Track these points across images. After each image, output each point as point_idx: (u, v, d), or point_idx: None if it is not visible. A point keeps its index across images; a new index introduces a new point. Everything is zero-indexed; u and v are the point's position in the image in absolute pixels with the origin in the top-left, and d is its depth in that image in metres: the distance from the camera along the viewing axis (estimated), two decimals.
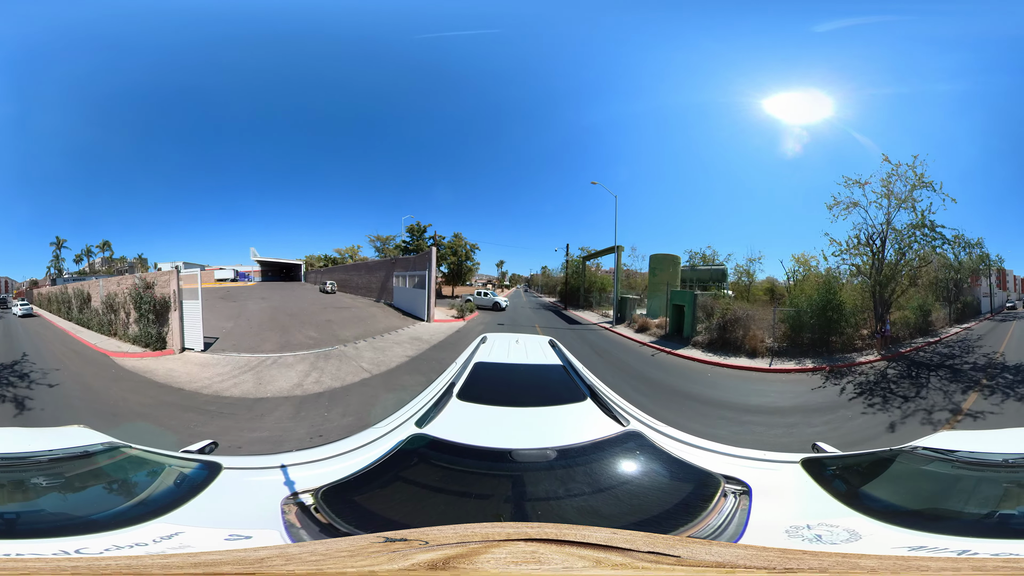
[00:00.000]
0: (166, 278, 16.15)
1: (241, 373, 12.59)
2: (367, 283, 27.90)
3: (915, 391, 11.84)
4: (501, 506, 2.08)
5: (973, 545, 1.62)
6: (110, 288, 19.28)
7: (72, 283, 27.61)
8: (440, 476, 2.39)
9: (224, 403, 10.34)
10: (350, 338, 16.18)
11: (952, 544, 1.65)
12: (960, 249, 23.11)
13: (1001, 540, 1.64)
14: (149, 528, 1.81)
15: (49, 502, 2.08)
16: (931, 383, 12.73)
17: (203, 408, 9.93)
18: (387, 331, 17.04)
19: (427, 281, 17.48)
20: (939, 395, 11.60)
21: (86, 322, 21.43)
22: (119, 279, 19.55)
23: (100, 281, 21.29)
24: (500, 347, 5.09)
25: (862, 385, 12.56)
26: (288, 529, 1.89)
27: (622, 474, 2.42)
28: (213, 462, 2.42)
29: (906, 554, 1.60)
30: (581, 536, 1.41)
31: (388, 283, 23.79)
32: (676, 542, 1.51)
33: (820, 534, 1.83)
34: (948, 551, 1.61)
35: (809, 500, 2.17)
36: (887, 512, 1.96)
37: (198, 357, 14.63)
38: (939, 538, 1.71)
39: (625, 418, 2.99)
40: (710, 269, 27.34)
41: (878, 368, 14.34)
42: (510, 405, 3.19)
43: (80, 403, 10.50)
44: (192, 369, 13.06)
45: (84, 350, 16.58)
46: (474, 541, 1.36)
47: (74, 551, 1.57)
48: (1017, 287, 33.55)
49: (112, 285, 19.31)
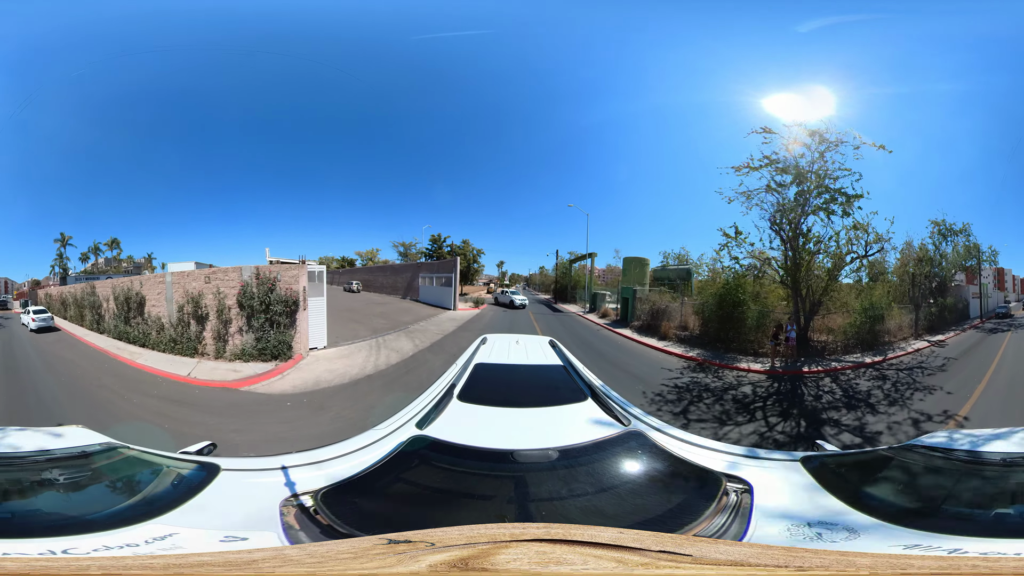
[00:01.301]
0: (294, 273, 13.67)
1: (376, 351, 14.56)
2: (392, 283, 31.74)
3: (716, 427, 9.12)
4: (504, 507, 2.08)
5: (965, 544, 1.63)
6: (188, 287, 14.43)
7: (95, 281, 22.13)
8: (442, 477, 2.38)
9: (399, 368, 12.78)
10: (410, 321, 19.87)
11: (945, 543, 1.66)
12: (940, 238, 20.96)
13: (994, 540, 1.64)
14: (143, 529, 1.80)
15: (45, 502, 2.07)
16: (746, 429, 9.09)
17: (392, 377, 11.95)
18: (430, 317, 21.74)
19: (453, 281, 24.04)
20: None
21: (138, 338, 15.58)
22: (208, 272, 14.73)
23: (167, 276, 15.79)
24: (500, 348, 5.09)
25: (702, 388, 12.14)
26: (286, 531, 1.87)
27: (624, 474, 2.42)
28: (211, 463, 2.41)
29: (900, 552, 1.60)
30: (589, 536, 1.41)
31: (414, 282, 28.24)
32: (684, 541, 1.51)
33: (820, 532, 1.84)
34: (940, 550, 1.62)
35: (809, 498, 2.17)
36: (885, 510, 1.96)
37: (330, 352, 14.26)
38: (933, 537, 1.72)
39: (626, 418, 2.99)
40: (676, 269, 28.85)
41: (750, 380, 12.91)
42: (511, 406, 3.19)
43: None
44: (347, 362, 13.11)
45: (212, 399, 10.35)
46: (481, 542, 1.35)
47: (61, 551, 1.56)
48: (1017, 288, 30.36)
49: (194, 283, 14.45)
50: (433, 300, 25.45)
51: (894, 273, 19.62)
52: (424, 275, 27.61)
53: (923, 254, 20.82)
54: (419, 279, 27.93)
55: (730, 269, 17.04)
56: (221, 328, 13.63)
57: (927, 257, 20.89)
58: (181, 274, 15.50)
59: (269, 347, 12.72)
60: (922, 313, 19.50)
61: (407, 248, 31.59)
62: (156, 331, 15.53)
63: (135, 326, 16.56)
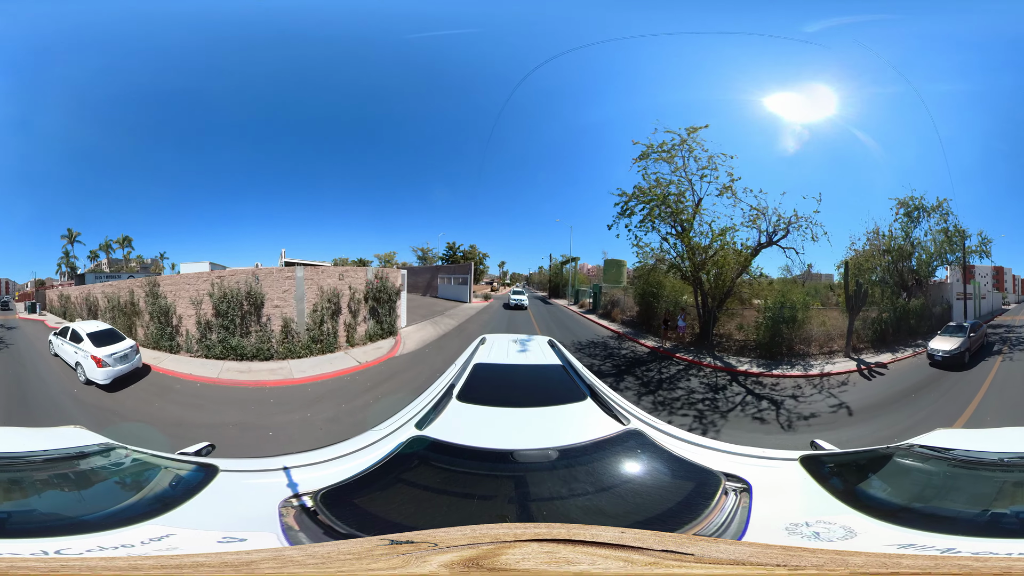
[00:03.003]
0: (394, 272, 18.18)
1: (436, 326, 19.94)
2: (414, 282, 35.88)
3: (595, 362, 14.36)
4: (505, 507, 2.08)
5: (959, 543, 1.63)
6: (324, 284, 14.85)
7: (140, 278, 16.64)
8: (442, 478, 2.38)
9: (453, 332, 18.54)
10: (442, 310, 24.48)
11: (939, 542, 1.66)
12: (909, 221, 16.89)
13: (988, 539, 1.64)
14: (140, 530, 1.79)
15: (42, 502, 2.06)
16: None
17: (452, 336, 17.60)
18: (454, 307, 26.38)
19: (469, 280, 30.60)
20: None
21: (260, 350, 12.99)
22: (342, 270, 15.90)
23: (296, 271, 14.70)
24: (499, 348, 5.08)
25: (608, 347, 17.11)
26: (286, 532, 1.87)
27: (624, 473, 2.42)
28: (210, 464, 2.40)
29: (894, 551, 1.60)
30: (591, 535, 1.41)
31: (434, 282, 33.48)
32: (686, 540, 1.51)
33: (818, 531, 1.84)
34: (934, 549, 1.62)
35: (807, 497, 2.18)
36: (882, 509, 1.97)
37: (410, 328, 18.55)
38: (928, 536, 1.72)
39: (625, 417, 2.99)
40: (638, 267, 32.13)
41: (639, 351, 16.29)
42: (510, 406, 3.19)
43: None
44: (424, 332, 18.15)
45: None
46: (485, 542, 1.35)
47: (54, 552, 1.55)
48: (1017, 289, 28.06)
49: (329, 279, 15.04)
50: (451, 296, 30.81)
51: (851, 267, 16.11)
52: (443, 276, 33.41)
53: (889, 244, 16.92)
54: (438, 279, 33.42)
55: (645, 265, 19.30)
56: (350, 319, 15.35)
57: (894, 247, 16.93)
58: (314, 270, 15.55)
59: (386, 328, 16.13)
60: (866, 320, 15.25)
61: (424, 252, 36.44)
62: (281, 337, 13.59)
63: (254, 334, 13.34)
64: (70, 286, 23.95)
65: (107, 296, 16.50)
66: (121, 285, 16.50)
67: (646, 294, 19.39)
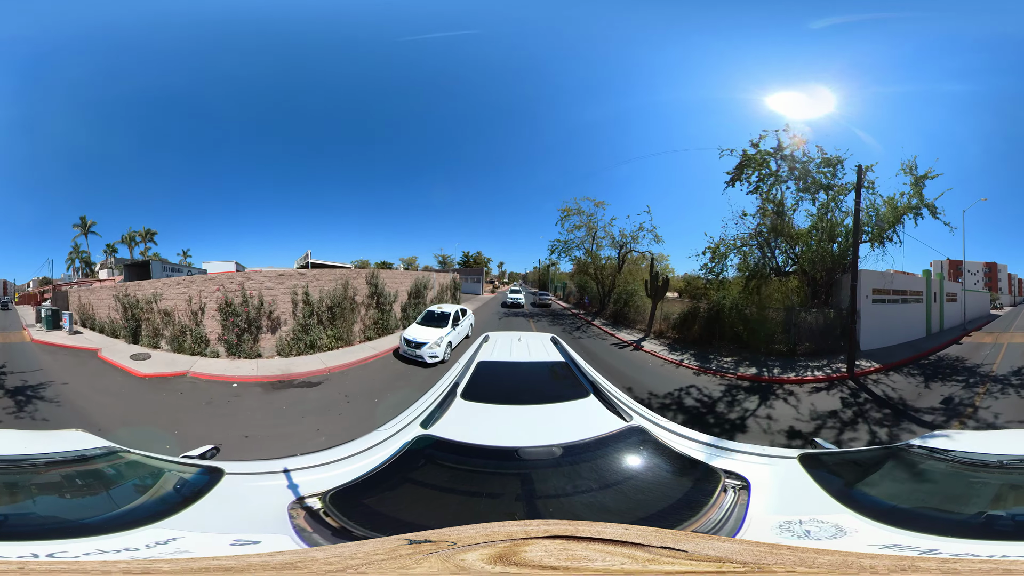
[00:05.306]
0: (454, 274, 29.21)
1: (474, 302, 27.57)
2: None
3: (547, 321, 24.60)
4: (513, 504, 2.10)
5: (944, 545, 1.64)
6: (442, 280, 25.36)
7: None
8: (449, 476, 2.40)
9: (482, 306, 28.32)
10: (470, 297, 32.80)
11: (924, 543, 1.67)
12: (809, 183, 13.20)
13: (975, 541, 1.65)
14: (144, 533, 1.78)
15: (42, 505, 2.04)
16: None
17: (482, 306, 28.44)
18: (473, 297, 34.60)
19: (482, 279, 40.69)
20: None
21: None
22: (433, 275, 24.66)
23: (433, 276, 24.37)
24: (502, 346, 5.09)
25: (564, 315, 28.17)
26: (299, 533, 1.87)
27: (627, 469, 2.45)
28: (214, 467, 2.39)
29: (878, 551, 1.61)
30: (596, 532, 1.43)
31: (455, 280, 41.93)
32: (683, 537, 1.54)
33: (810, 530, 1.86)
34: (915, 550, 1.63)
35: (803, 496, 2.20)
36: (875, 509, 1.99)
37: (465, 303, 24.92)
38: (916, 536, 1.73)
39: (628, 414, 3.01)
40: None
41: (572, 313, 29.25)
42: (514, 403, 3.21)
43: None
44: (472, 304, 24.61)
45: None
46: (499, 540, 1.36)
47: (46, 555, 1.52)
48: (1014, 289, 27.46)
49: (444, 278, 25.16)
50: (468, 290, 38.82)
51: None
52: (462, 276, 40.77)
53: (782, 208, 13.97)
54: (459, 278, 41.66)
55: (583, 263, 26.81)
56: (449, 298, 24.71)
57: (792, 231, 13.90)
58: (425, 273, 24.86)
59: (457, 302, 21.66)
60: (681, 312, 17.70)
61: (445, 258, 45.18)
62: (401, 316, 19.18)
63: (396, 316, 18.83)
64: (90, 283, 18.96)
65: (321, 291, 14.97)
66: (328, 275, 15.73)
67: (578, 287, 33.09)
